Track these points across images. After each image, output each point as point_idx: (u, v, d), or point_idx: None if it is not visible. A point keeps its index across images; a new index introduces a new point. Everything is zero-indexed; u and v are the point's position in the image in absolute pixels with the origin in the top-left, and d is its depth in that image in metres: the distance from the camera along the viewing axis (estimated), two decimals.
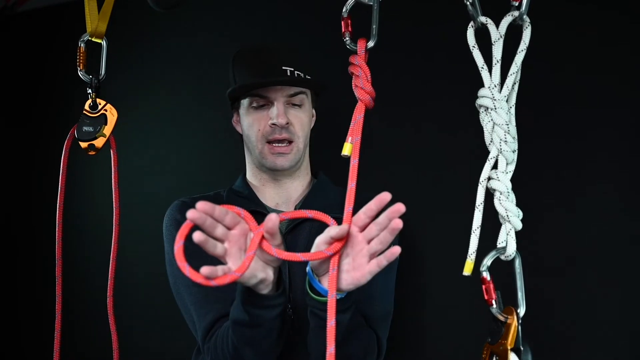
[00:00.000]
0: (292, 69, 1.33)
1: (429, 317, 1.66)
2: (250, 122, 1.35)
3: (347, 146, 1.02)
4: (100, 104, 1.58)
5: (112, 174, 1.70)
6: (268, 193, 1.40)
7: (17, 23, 2.41)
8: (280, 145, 1.34)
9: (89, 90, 1.58)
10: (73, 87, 1.76)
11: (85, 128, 1.61)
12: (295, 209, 1.39)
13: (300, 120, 1.36)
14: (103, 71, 1.39)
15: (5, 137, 2.48)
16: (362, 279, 0.97)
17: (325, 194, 1.42)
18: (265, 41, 1.93)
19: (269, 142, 1.34)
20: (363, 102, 1.06)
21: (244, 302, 1.04)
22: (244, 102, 1.38)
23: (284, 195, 1.40)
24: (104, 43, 1.59)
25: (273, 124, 1.32)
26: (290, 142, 1.34)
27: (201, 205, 0.88)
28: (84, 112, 1.59)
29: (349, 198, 0.95)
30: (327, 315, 0.90)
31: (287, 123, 1.32)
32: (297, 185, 1.42)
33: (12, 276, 2.42)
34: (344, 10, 1.08)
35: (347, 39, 1.08)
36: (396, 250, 0.94)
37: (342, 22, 1.09)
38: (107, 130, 1.57)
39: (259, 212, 1.31)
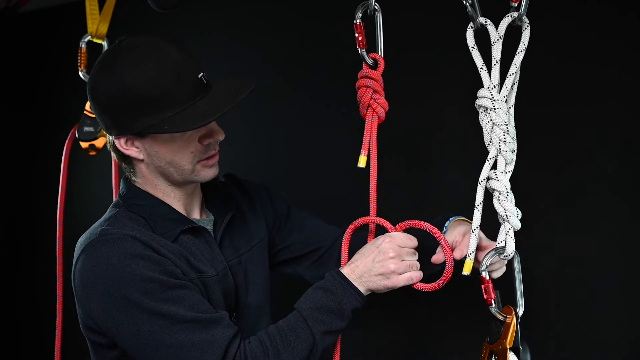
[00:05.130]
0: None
1: (427, 316, 1.66)
2: (179, 147, 1.16)
3: (362, 159, 1.15)
4: None
5: (112, 174, 1.70)
6: (185, 206, 1.27)
7: (18, 24, 2.42)
8: (213, 156, 1.21)
9: None
10: (74, 87, 1.76)
11: (86, 128, 1.61)
12: (207, 213, 1.30)
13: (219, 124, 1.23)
14: None
15: (6, 137, 2.49)
16: None
17: (213, 190, 1.33)
18: (266, 41, 1.92)
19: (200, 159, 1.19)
20: (380, 119, 1.17)
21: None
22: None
23: (193, 205, 1.29)
24: (105, 44, 1.59)
25: (210, 142, 1.18)
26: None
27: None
28: (85, 112, 1.60)
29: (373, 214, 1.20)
30: None
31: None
32: (197, 191, 1.30)
33: (13, 276, 2.43)
34: (356, 18, 1.13)
35: (362, 50, 1.14)
36: None
37: (357, 34, 1.13)
38: None
39: (194, 227, 1.22)
